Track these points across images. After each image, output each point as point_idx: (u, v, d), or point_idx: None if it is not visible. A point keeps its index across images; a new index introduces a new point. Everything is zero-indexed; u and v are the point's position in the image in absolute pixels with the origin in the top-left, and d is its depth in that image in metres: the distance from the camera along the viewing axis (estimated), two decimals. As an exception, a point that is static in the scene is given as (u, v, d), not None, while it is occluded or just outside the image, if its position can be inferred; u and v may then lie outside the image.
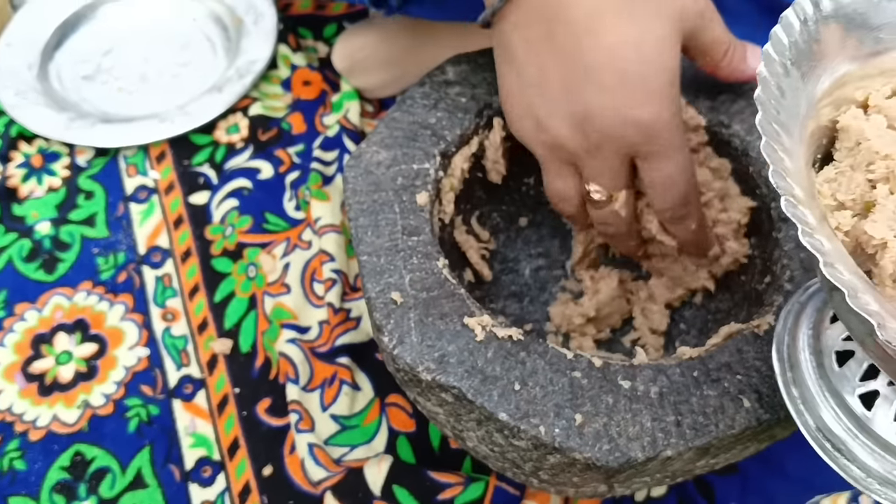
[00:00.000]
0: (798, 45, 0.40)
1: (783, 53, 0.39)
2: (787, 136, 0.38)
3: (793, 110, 0.40)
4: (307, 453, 0.61)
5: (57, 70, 0.87)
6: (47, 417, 0.66)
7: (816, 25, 0.41)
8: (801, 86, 0.40)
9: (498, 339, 0.48)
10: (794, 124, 0.40)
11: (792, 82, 0.40)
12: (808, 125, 0.41)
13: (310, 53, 0.89)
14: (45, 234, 0.76)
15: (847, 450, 0.39)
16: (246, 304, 0.71)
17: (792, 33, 0.40)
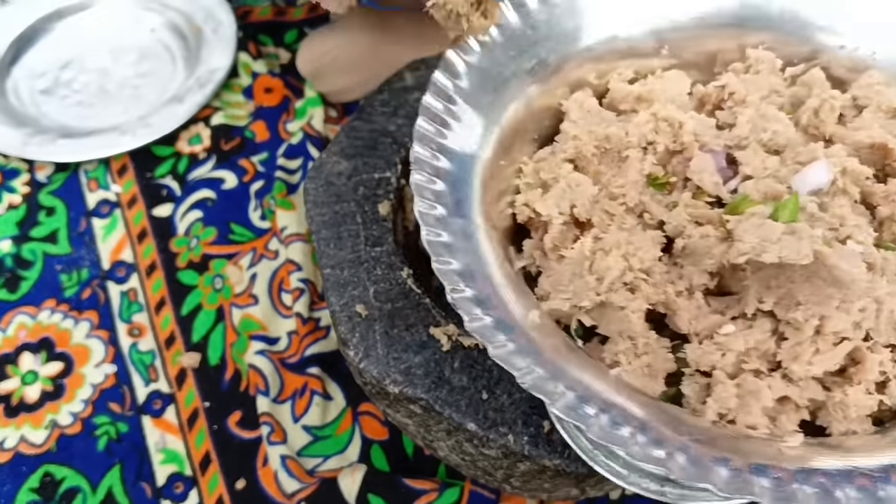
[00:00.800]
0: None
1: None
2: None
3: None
4: (280, 465, 0.61)
5: (14, 85, 0.86)
6: (14, 439, 0.65)
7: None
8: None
9: (464, 349, 0.48)
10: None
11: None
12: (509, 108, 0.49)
13: (271, 60, 0.88)
14: (6, 252, 0.75)
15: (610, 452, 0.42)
16: (213, 317, 0.70)
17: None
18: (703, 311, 0.41)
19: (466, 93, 0.47)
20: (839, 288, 0.39)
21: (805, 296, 0.39)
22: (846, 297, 0.39)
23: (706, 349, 0.40)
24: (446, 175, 0.43)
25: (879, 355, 0.40)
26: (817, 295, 0.39)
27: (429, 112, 0.44)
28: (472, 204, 0.44)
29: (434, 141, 0.43)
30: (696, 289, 0.42)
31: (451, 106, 0.46)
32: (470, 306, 0.37)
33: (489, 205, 0.45)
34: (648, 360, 0.40)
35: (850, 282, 0.39)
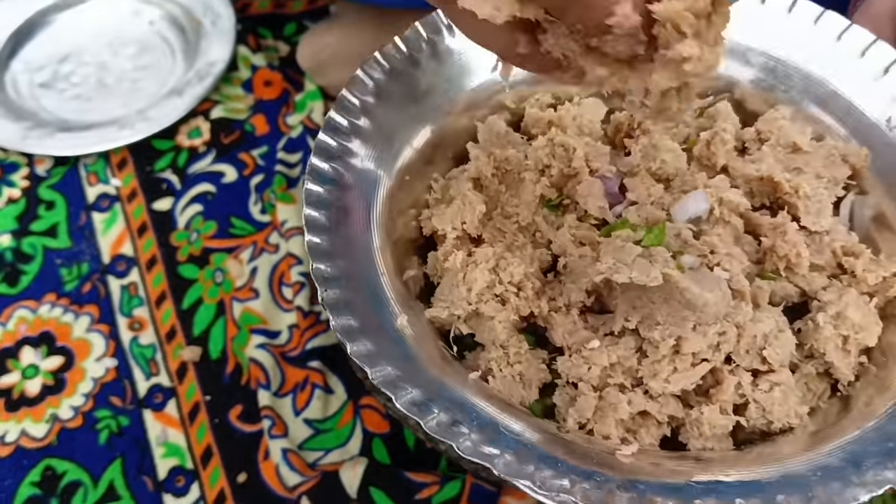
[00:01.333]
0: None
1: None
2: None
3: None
4: (281, 459, 0.61)
5: (13, 79, 0.85)
6: (15, 433, 0.65)
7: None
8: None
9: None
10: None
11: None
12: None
13: (270, 53, 0.88)
14: (6, 246, 0.75)
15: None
16: (214, 311, 0.70)
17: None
18: (577, 327, 0.44)
19: (374, 111, 0.51)
20: (693, 310, 0.41)
21: (663, 316, 0.41)
22: (700, 320, 0.41)
23: (575, 362, 0.42)
24: (343, 187, 0.47)
25: (737, 378, 0.43)
26: (674, 316, 0.41)
27: (332, 126, 0.48)
28: (371, 215, 0.48)
29: (335, 155, 0.47)
30: (573, 305, 0.45)
31: (357, 121, 0.50)
32: (337, 309, 0.40)
33: (393, 217, 0.49)
34: (521, 369, 0.43)
35: (702, 305, 0.41)
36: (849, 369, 0.44)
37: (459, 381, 0.40)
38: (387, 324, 0.42)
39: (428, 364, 0.40)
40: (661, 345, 0.41)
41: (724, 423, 0.41)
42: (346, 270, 0.42)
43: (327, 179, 0.46)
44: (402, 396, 0.36)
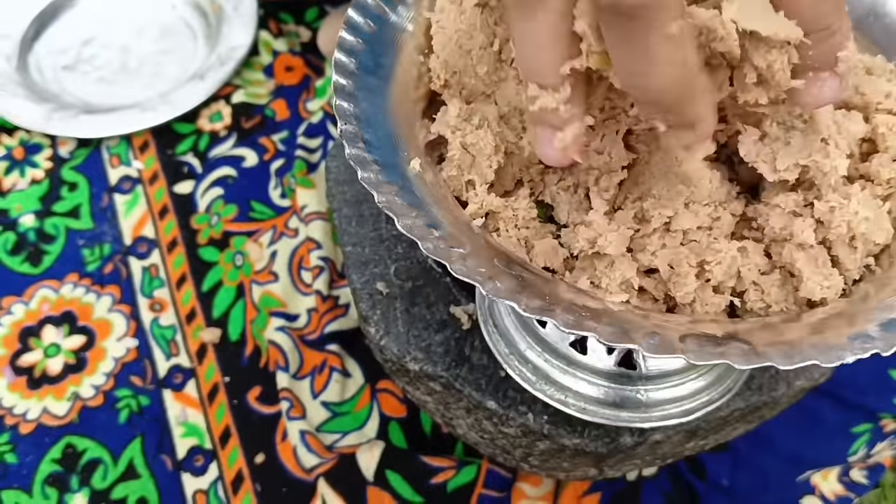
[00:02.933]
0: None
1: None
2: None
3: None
4: (299, 440, 0.62)
5: (36, 61, 0.86)
6: (37, 410, 0.66)
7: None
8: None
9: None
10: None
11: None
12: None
13: (291, 38, 0.88)
14: (29, 226, 0.76)
15: (532, 367, 0.43)
16: (234, 293, 0.71)
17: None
18: (583, 206, 0.42)
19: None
20: (687, 185, 0.39)
21: (659, 190, 0.39)
22: (693, 197, 0.40)
23: (577, 231, 0.40)
24: (371, 31, 0.42)
25: (735, 256, 0.40)
26: (669, 191, 0.39)
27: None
28: (392, 67, 0.43)
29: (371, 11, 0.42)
30: (581, 185, 0.42)
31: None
32: (352, 140, 0.37)
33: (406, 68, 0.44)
34: (527, 234, 0.41)
35: (697, 180, 0.39)
36: (854, 266, 0.40)
37: (466, 227, 0.38)
38: (401, 164, 0.39)
39: (435, 204, 0.38)
40: (654, 219, 0.39)
41: (717, 301, 0.39)
42: (364, 112, 0.40)
43: (361, 31, 0.42)
44: (403, 220, 0.34)
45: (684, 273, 0.38)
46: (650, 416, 0.43)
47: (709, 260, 0.39)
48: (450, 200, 0.41)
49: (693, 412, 0.43)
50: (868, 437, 0.63)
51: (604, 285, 0.38)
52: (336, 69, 0.39)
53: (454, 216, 0.38)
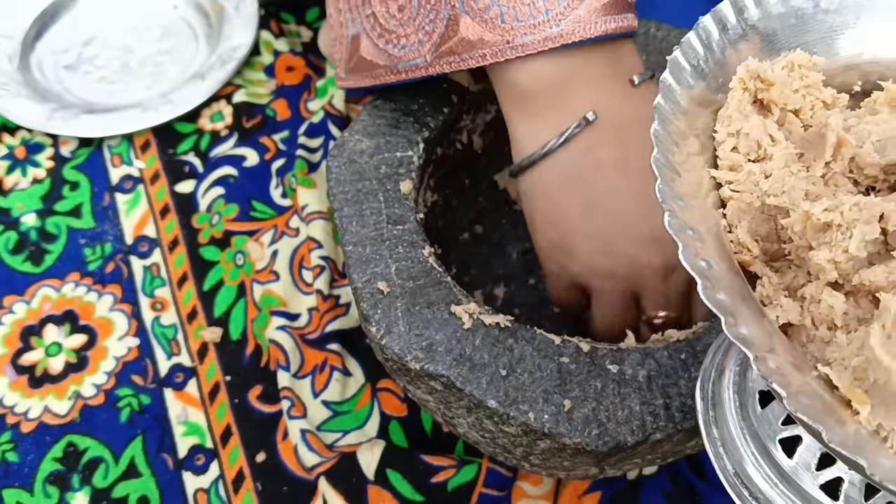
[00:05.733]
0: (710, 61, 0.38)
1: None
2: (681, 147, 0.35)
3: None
4: (300, 439, 0.62)
5: (38, 60, 0.86)
6: (38, 409, 0.66)
7: (731, 42, 0.38)
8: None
9: (485, 327, 0.48)
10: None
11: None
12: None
13: (293, 38, 0.88)
14: (31, 225, 0.76)
15: (765, 499, 0.36)
16: (235, 292, 0.71)
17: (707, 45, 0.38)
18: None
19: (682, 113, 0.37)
20: None
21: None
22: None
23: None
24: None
25: None
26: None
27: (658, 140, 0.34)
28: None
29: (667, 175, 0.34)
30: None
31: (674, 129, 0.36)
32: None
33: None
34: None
35: None
36: None
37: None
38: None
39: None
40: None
41: None
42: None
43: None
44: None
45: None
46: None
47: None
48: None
49: None
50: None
51: None
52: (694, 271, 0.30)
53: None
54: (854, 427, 0.29)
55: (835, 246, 0.32)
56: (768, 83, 0.36)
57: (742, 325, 0.29)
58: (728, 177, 0.35)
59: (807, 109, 0.37)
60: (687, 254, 0.30)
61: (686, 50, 0.37)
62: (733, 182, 0.35)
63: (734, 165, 0.36)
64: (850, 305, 0.32)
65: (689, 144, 0.35)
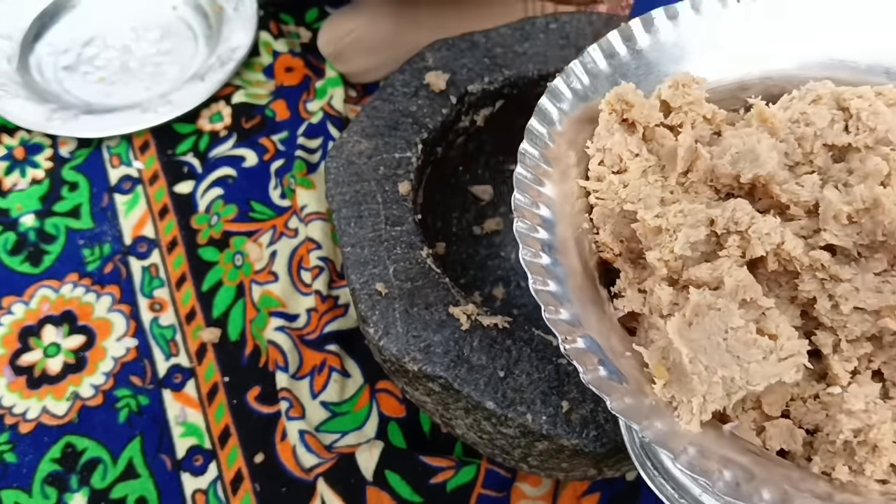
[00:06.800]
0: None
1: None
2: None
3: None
4: (298, 440, 0.62)
5: (37, 61, 0.86)
6: (37, 410, 0.66)
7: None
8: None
9: (483, 328, 0.48)
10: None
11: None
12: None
13: (292, 39, 0.88)
14: (29, 226, 0.76)
15: (664, 469, 0.40)
16: (233, 293, 0.71)
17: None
18: (805, 378, 0.38)
19: (559, 134, 0.42)
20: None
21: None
22: None
23: (811, 408, 0.37)
24: (547, 224, 0.39)
25: None
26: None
27: (525, 159, 0.40)
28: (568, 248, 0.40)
29: (532, 189, 0.40)
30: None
31: (546, 150, 0.42)
32: (583, 357, 0.34)
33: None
34: (755, 415, 0.38)
35: None
36: None
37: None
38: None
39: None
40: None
41: None
42: (575, 315, 0.37)
43: (530, 216, 0.39)
44: (678, 455, 0.32)
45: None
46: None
47: None
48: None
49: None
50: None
51: (868, 473, 0.35)
52: (529, 270, 0.37)
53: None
54: (651, 398, 0.34)
55: (663, 247, 0.37)
56: (630, 105, 0.41)
57: (563, 314, 0.35)
58: (593, 186, 0.41)
59: (688, 124, 0.42)
60: (525, 252, 0.36)
61: (568, 77, 0.43)
62: (598, 191, 0.40)
63: (600, 176, 0.41)
64: (681, 297, 0.37)
65: (569, 157, 0.41)
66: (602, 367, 0.34)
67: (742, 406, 0.37)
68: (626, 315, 0.39)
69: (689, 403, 0.34)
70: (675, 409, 0.34)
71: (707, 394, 0.34)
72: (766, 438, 0.37)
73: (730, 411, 0.36)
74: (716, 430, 0.35)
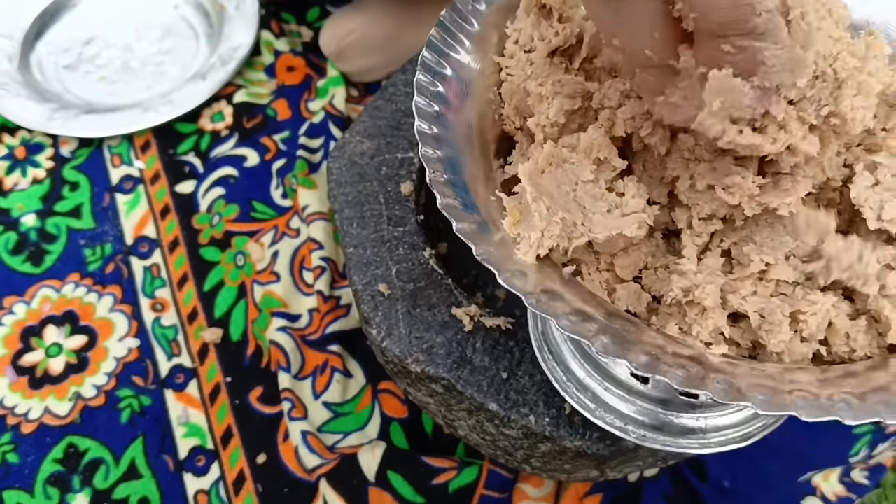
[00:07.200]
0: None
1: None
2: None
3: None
4: (301, 441, 0.62)
5: (38, 60, 0.86)
6: (39, 410, 0.66)
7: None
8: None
9: (486, 329, 0.48)
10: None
11: None
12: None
13: (293, 38, 0.88)
14: (30, 226, 0.76)
15: (558, 352, 0.44)
16: (235, 293, 0.71)
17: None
18: (660, 250, 0.42)
19: (483, 15, 0.46)
20: (793, 237, 0.39)
21: (761, 238, 0.39)
22: (796, 251, 0.39)
23: (660, 276, 0.40)
24: (449, 79, 0.43)
25: (823, 307, 0.39)
26: (774, 239, 0.39)
27: (442, 25, 0.44)
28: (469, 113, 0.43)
29: (440, 49, 0.43)
30: (657, 227, 0.42)
31: (467, 26, 0.45)
32: (444, 189, 0.38)
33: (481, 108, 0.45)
34: (608, 276, 0.41)
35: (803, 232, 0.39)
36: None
37: (556, 274, 0.38)
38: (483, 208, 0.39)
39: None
40: (751, 265, 0.39)
41: (804, 350, 0.38)
42: (451, 157, 0.40)
43: (433, 72, 0.42)
44: (503, 275, 0.35)
45: (777, 322, 0.38)
46: (709, 441, 0.43)
47: (803, 310, 0.38)
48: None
49: (751, 437, 0.43)
50: (869, 438, 0.63)
51: (694, 332, 0.38)
52: (418, 114, 0.40)
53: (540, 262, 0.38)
54: (501, 233, 0.37)
55: (541, 114, 0.41)
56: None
57: (445, 175, 0.38)
58: (504, 62, 0.44)
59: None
60: (419, 101, 0.40)
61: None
62: (508, 67, 0.44)
63: (512, 54, 0.44)
64: (555, 153, 0.39)
65: (490, 37, 0.45)
66: (457, 198, 0.38)
67: (596, 266, 0.40)
68: (510, 179, 0.42)
69: (528, 237, 0.37)
70: (517, 243, 0.37)
71: (546, 230, 0.37)
72: (615, 299, 0.40)
73: (572, 255, 0.40)
74: (555, 269, 0.39)
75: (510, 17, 0.45)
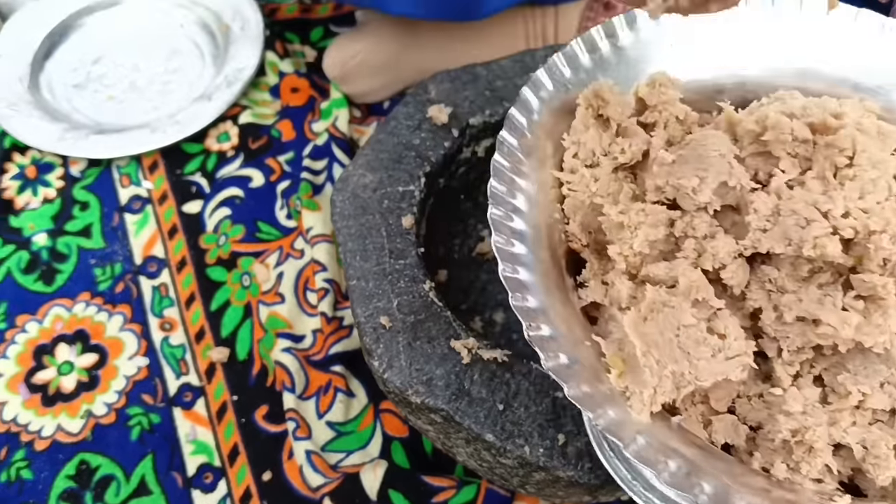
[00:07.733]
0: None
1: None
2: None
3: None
4: (305, 460, 0.64)
5: (48, 80, 0.88)
6: (52, 427, 0.68)
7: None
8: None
9: (483, 361, 0.50)
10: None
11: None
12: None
13: (297, 58, 0.90)
14: (42, 245, 0.78)
15: (619, 451, 0.42)
16: (241, 313, 0.73)
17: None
18: (751, 378, 0.41)
19: (538, 125, 0.45)
20: (888, 366, 0.39)
21: (855, 366, 0.39)
22: (890, 379, 0.39)
23: (755, 406, 0.40)
24: (521, 213, 0.42)
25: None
26: (867, 367, 0.39)
27: (503, 148, 0.43)
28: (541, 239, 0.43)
29: (508, 176, 0.42)
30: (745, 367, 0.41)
31: (524, 140, 0.44)
32: (546, 344, 0.37)
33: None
34: (702, 409, 0.41)
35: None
36: None
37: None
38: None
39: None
40: (850, 396, 0.38)
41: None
42: (542, 303, 0.40)
43: (506, 205, 0.42)
44: (628, 444, 0.34)
45: (884, 456, 0.38)
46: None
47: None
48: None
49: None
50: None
51: (804, 472, 0.37)
52: (500, 256, 0.39)
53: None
54: (607, 386, 0.36)
55: (624, 242, 0.40)
56: (605, 101, 0.44)
57: (530, 301, 0.38)
58: (566, 177, 0.43)
59: (661, 124, 0.45)
60: (498, 239, 0.39)
61: (550, 69, 0.45)
62: (570, 182, 0.43)
63: (573, 168, 0.43)
64: (640, 292, 0.39)
65: (546, 147, 0.44)
66: (562, 356, 0.37)
67: (691, 400, 0.40)
68: (588, 304, 0.42)
69: (641, 394, 0.36)
70: (627, 398, 0.37)
71: (658, 386, 0.37)
72: (712, 432, 0.39)
73: (679, 404, 0.39)
74: (664, 421, 0.38)
75: (560, 125, 0.44)
